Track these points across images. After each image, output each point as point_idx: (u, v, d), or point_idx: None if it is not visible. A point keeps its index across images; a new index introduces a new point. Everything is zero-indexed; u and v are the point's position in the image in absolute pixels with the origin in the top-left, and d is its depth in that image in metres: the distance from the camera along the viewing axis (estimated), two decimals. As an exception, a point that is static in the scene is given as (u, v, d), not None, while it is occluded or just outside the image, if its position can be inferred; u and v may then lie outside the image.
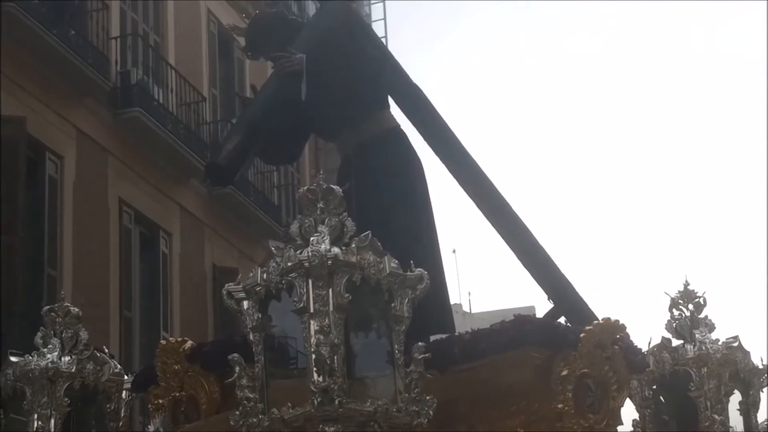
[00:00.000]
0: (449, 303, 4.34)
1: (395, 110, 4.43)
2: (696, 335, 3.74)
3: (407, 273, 3.06)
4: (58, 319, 3.89)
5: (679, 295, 3.83)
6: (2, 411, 3.89)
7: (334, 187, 3.14)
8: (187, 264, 11.75)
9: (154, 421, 3.76)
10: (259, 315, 3.05)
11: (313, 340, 2.91)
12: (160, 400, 3.77)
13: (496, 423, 3.47)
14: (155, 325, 10.95)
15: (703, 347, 3.69)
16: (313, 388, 2.88)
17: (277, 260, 3.03)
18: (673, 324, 3.80)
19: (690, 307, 3.81)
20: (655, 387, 3.78)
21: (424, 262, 3.33)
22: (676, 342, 3.78)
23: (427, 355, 2.99)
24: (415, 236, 4.10)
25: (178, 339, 3.82)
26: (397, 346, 3.00)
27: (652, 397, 3.77)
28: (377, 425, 2.93)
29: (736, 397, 3.79)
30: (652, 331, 3.80)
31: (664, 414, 3.78)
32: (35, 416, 3.74)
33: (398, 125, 4.36)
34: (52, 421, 3.72)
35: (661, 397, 3.80)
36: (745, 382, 3.80)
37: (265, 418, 2.97)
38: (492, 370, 3.49)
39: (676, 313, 3.82)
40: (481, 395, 3.50)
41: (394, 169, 4.20)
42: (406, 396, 2.96)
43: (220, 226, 12.45)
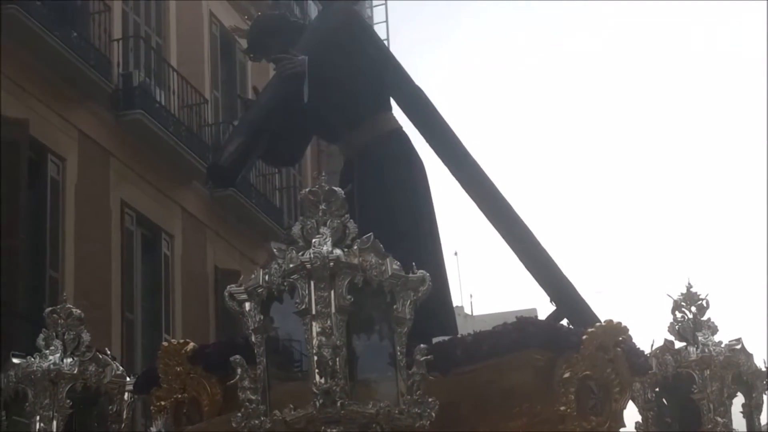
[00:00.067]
0: (451, 305, 4.33)
1: (397, 112, 4.43)
2: (699, 338, 3.73)
3: (409, 275, 3.05)
4: (60, 321, 3.89)
5: (682, 297, 3.82)
6: (4, 413, 3.88)
7: (336, 189, 3.14)
8: (189, 266, 11.74)
9: (156, 422, 3.76)
10: (261, 317, 3.05)
11: (315, 341, 2.91)
12: (162, 402, 3.76)
13: (499, 425, 3.46)
14: (157, 327, 10.94)
15: (706, 350, 3.69)
16: (315, 390, 2.88)
17: (279, 262, 3.03)
18: (676, 326, 3.79)
19: (693, 309, 3.81)
20: (657, 389, 3.77)
21: (426, 264, 3.33)
22: (678, 344, 3.77)
23: (429, 357, 2.99)
24: (416, 238, 4.09)
25: (180, 341, 3.82)
26: (399, 348, 3.00)
27: (655, 400, 3.76)
28: (379, 427, 2.92)
29: (739, 400, 3.78)
30: (655, 334, 3.80)
31: (667, 416, 3.77)
32: (37, 418, 3.74)
33: (400, 127, 4.35)
34: (54, 423, 3.72)
35: (664, 400, 3.79)
36: (748, 385, 3.79)
37: (267, 419, 2.97)
38: (494, 372, 3.49)
39: (678, 315, 3.81)
40: (484, 397, 3.49)
41: (396, 170, 4.19)
42: (408, 398, 2.96)
43: (221, 229, 12.45)
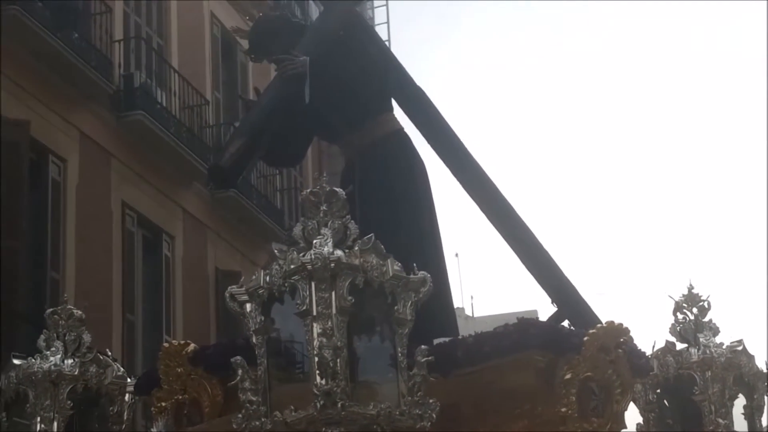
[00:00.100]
0: (453, 306, 4.33)
1: (399, 113, 4.43)
2: (700, 339, 3.72)
3: (410, 276, 3.05)
4: (62, 322, 3.88)
5: (684, 298, 3.81)
6: (5, 414, 3.87)
7: (337, 189, 3.13)
8: (190, 267, 11.74)
9: (157, 423, 3.75)
10: (262, 318, 3.05)
11: (316, 342, 2.90)
12: (163, 403, 3.76)
13: (500, 426, 3.46)
14: (158, 328, 10.94)
15: (708, 351, 3.67)
16: (316, 391, 2.87)
17: (280, 263, 3.03)
18: (677, 327, 3.78)
19: (694, 310, 3.79)
20: (659, 391, 3.76)
21: (427, 265, 3.33)
22: (680, 346, 3.76)
23: (431, 358, 2.99)
24: (418, 239, 4.09)
25: (181, 342, 3.82)
26: (400, 349, 2.99)
27: (656, 401, 3.75)
28: (380, 428, 2.92)
29: (740, 401, 3.77)
30: (656, 335, 3.79)
31: (668, 418, 3.76)
32: (38, 419, 3.72)
33: (401, 128, 4.35)
34: (55, 424, 3.70)
35: (665, 401, 3.78)
36: (750, 386, 3.78)
37: (268, 421, 2.96)
38: (495, 374, 3.49)
39: (680, 316, 3.80)
40: (485, 398, 3.49)
41: (398, 171, 4.19)
42: (409, 399, 2.95)
43: (222, 230, 12.44)
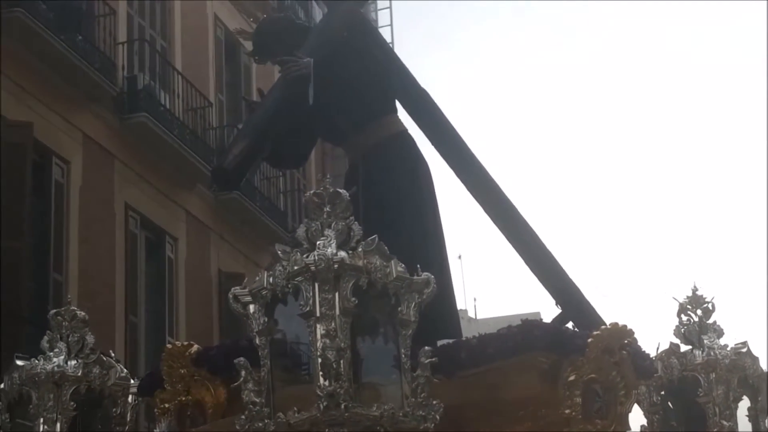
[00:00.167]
0: (456, 308, 4.32)
1: (402, 114, 4.41)
2: (704, 341, 3.71)
3: (414, 277, 3.04)
4: (65, 323, 3.88)
5: (688, 300, 3.81)
6: (8, 415, 3.87)
7: (340, 190, 3.12)
8: (193, 269, 11.74)
9: (160, 425, 3.75)
10: (265, 319, 3.04)
11: (319, 344, 2.90)
12: (166, 404, 3.76)
13: (503, 428, 3.45)
14: (161, 330, 10.94)
15: (712, 353, 3.67)
16: (319, 393, 2.87)
17: (284, 264, 3.02)
18: (682, 329, 3.77)
19: (698, 312, 3.79)
20: (663, 393, 3.75)
21: (431, 266, 3.32)
22: (684, 347, 3.75)
23: (434, 359, 2.98)
24: (422, 240, 4.08)
25: (184, 343, 3.81)
26: (403, 351, 2.98)
27: (661, 403, 3.74)
28: (383, 429, 2.91)
29: (744, 403, 3.76)
30: (661, 337, 3.78)
31: (673, 420, 3.75)
32: (41, 420, 3.72)
33: (405, 129, 4.34)
34: (58, 425, 3.70)
35: (670, 403, 3.78)
36: (754, 388, 3.77)
37: (271, 422, 2.95)
38: (499, 375, 3.48)
39: (684, 318, 3.79)
40: (488, 400, 3.48)
41: (402, 173, 4.19)
42: (413, 400, 2.94)
43: (226, 232, 12.45)
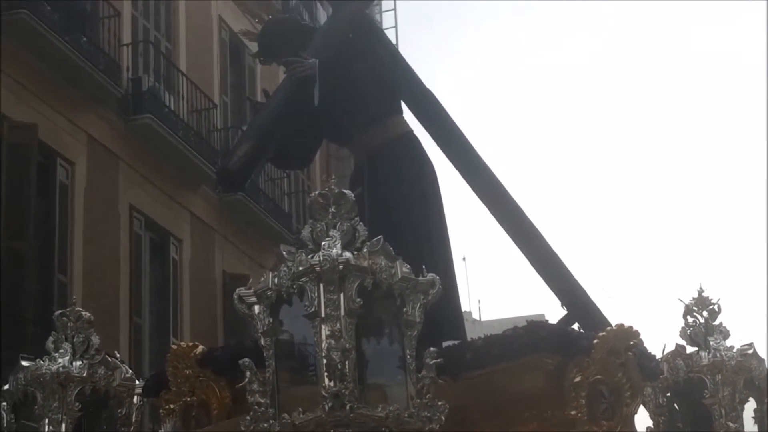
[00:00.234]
0: (460, 310, 4.31)
1: (408, 115, 4.41)
2: (710, 342, 3.70)
3: (419, 278, 3.03)
4: (70, 324, 3.88)
5: (694, 302, 3.80)
6: (13, 415, 3.87)
7: (346, 191, 3.12)
8: (198, 271, 11.74)
9: (165, 425, 3.74)
10: (270, 319, 3.03)
11: (324, 344, 2.89)
12: (171, 405, 3.75)
13: (509, 429, 3.44)
14: (165, 331, 10.94)
15: (718, 354, 3.66)
16: (324, 393, 2.86)
17: (289, 264, 3.01)
18: (688, 331, 3.77)
19: (704, 314, 3.78)
20: (669, 394, 3.74)
21: (436, 267, 3.31)
22: (690, 349, 3.75)
23: (439, 360, 2.97)
24: (427, 241, 4.08)
25: (190, 344, 3.81)
26: (408, 352, 2.97)
27: (666, 405, 3.73)
28: (388, 430, 2.90)
29: (750, 405, 3.75)
30: (666, 338, 3.78)
31: (679, 421, 3.74)
32: (46, 421, 3.72)
33: (411, 130, 4.33)
34: (63, 426, 3.70)
35: (676, 405, 3.77)
36: (760, 390, 3.76)
37: (276, 423, 2.95)
38: (505, 376, 3.47)
39: (690, 320, 3.78)
40: (494, 401, 3.47)
41: (407, 174, 4.18)
42: (418, 401, 2.93)
43: (230, 233, 12.45)
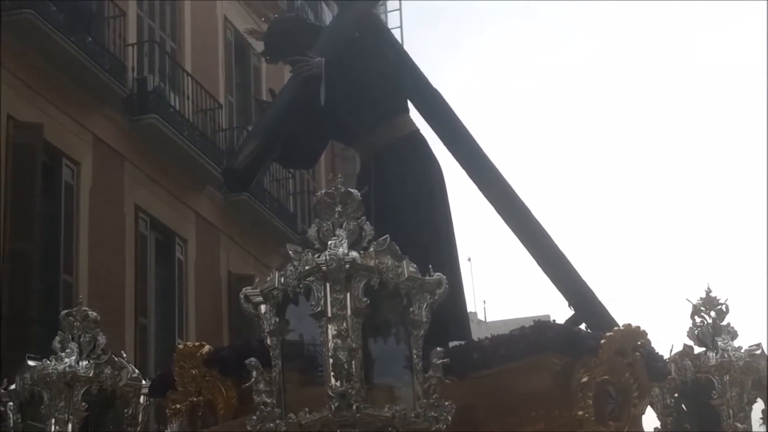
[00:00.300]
0: (466, 310, 4.30)
1: (415, 115, 4.39)
2: (718, 343, 3.70)
3: (426, 277, 3.02)
4: (76, 324, 3.88)
5: (701, 302, 3.79)
6: (20, 415, 3.87)
7: (352, 190, 3.10)
8: (203, 271, 11.75)
9: (172, 425, 3.74)
10: (277, 319, 3.03)
11: (331, 344, 2.88)
12: (178, 405, 3.75)
13: (516, 429, 3.43)
14: (170, 331, 10.94)
15: (726, 355, 3.65)
16: (331, 393, 2.85)
17: (295, 264, 3.00)
18: (695, 331, 3.76)
19: (712, 314, 3.78)
20: (677, 395, 3.74)
21: (443, 267, 3.30)
22: (698, 349, 3.74)
23: (446, 360, 2.96)
24: (433, 241, 4.07)
25: (196, 343, 3.80)
26: (415, 351, 2.96)
27: (674, 405, 3.73)
28: (395, 431, 2.89)
29: (758, 405, 3.74)
30: (674, 339, 3.77)
31: (686, 422, 3.74)
32: (53, 421, 3.72)
33: (417, 130, 4.32)
34: (70, 426, 3.70)
35: (683, 405, 3.76)
36: (768, 390, 3.75)
37: (282, 423, 2.94)
38: (511, 376, 3.46)
39: (698, 320, 3.78)
40: (501, 401, 3.46)
41: (414, 173, 4.17)
42: (425, 401, 2.92)
43: (235, 233, 12.45)
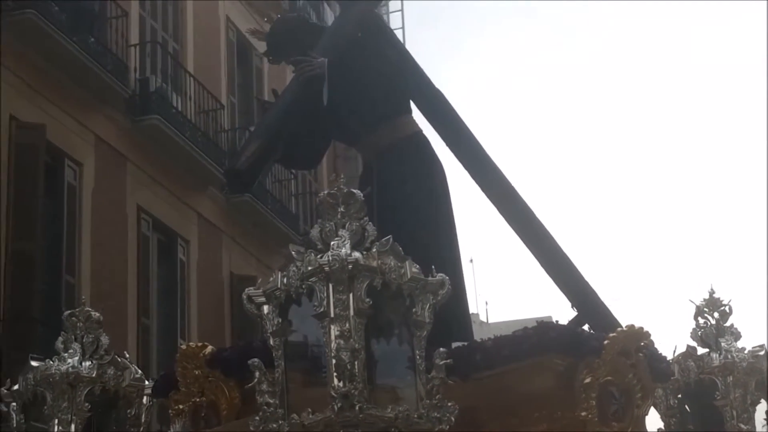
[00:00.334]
0: (468, 311, 4.30)
1: (417, 115, 4.39)
2: (722, 343, 3.69)
3: (428, 278, 3.02)
4: (79, 324, 3.87)
5: (705, 303, 3.78)
6: (22, 416, 3.87)
7: (355, 191, 3.10)
8: (205, 272, 11.74)
9: (174, 426, 3.74)
10: (280, 320, 3.02)
11: (334, 345, 2.88)
12: (181, 406, 3.75)
13: (519, 430, 3.42)
14: (172, 332, 10.94)
15: (729, 356, 3.64)
16: (334, 394, 2.85)
17: (298, 264, 3.00)
18: (699, 332, 3.75)
19: (716, 315, 3.77)
20: (680, 396, 3.73)
21: (445, 268, 3.30)
22: (701, 350, 3.73)
23: (449, 361, 2.96)
24: (435, 242, 4.07)
25: (199, 344, 3.80)
26: (418, 352, 2.96)
27: (677, 406, 3.72)
28: (398, 431, 2.89)
29: (762, 407, 3.73)
30: (677, 340, 3.76)
31: (690, 423, 3.72)
32: (56, 421, 3.72)
33: (420, 130, 4.32)
34: (73, 426, 3.69)
35: (686, 406, 3.75)
36: (772, 391, 3.74)
37: (285, 423, 2.94)
38: (514, 377, 3.46)
39: (701, 321, 3.77)
40: (503, 402, 3.46)
41: (416, 174, 4.17)
42: (428, 402, 2.92)
43: (237, 234, 12.45)
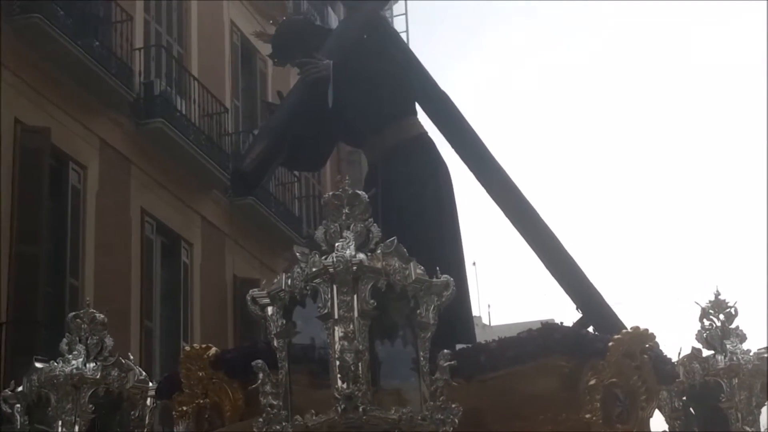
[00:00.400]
0: (471, 313, 4.29)
1: (423, 117, 4.38)
2: (727, 345, 3.68)
3: (433, 279, 3.02)
4: (84, 326, 3.88)
5: (710, 305, 3.78)
6: (27, 417, 3.87)
7: (359, 192, 3.11)
8: (208, 274, 11.75)
9: (178, 427, 3.74)
10: (284, 321, 3.03)
11: (338, 346, 2.88)
12: (184, 407, 3.75)
13: (523, 432, 3.42)
14: (176, 335, 10.94)
15: (734, 358, 3.64)
16: (337, 395, 2.85)
17: (302, 266, 3.00)
18: (704, 334, 3.75)
19: (721, 317, 3.76)
20: (685, 398, 3.72)
21: (449, 269, 3.29)
22: (706, 352, 3.73)
23: (453, 362, 2.95)
24: (440, 244, 4.06)
25: (202, 345, 3.80)
26: (422, 354, 2.96)
27: (682, 409, 3.71)
28: (402, 433, 2.88)
29: (767, 409, 3.72)
30: (683, 342, 3.76)
31: (694, 425, 3.72)
32: (59, 423, 3.72)
33: (425, 132, 4.31)
34: (77, 428, 3.70)
35: (691, 409, 3.74)
36: (777, 394, 3.73)
37: (289, 425, 2.94)
38: (519, 379, 3.45)
39: (706, 323, 3.77)
40: (507, 404, 3.45)
41: (421, 175, 4.16)
42: (431, 404, 2.92)
43: (241, 237, 12.45)
